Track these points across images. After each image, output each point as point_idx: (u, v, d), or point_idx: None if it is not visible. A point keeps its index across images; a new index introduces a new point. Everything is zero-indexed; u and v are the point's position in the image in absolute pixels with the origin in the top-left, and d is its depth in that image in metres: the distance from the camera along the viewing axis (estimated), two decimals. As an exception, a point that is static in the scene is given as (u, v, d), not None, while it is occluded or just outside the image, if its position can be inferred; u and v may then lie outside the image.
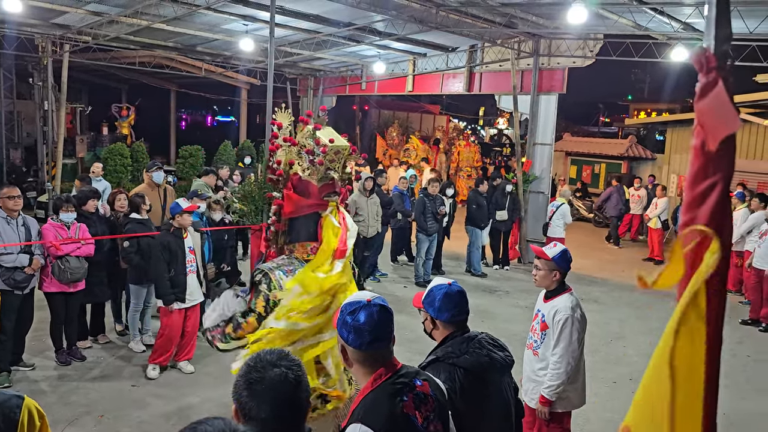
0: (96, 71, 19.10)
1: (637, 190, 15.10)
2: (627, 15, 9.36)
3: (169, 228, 6.09)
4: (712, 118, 0.85)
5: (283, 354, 1.68)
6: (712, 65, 0.86)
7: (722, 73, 0.85)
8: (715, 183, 0.84)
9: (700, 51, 0.88)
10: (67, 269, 5.96)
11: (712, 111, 0.85)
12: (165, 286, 5.96)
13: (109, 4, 10.46)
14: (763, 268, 8.56)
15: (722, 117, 0.84)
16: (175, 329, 6.08)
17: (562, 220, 10.85)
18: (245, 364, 1.68)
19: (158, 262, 5.96)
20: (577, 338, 3.71)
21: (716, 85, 0.86)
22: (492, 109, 32.99)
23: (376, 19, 11.03)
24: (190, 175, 14.34)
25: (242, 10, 10.64)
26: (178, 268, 6.00)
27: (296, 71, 17.87)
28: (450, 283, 2.64)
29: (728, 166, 0.85)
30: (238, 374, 1.66)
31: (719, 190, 0.84)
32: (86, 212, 6.41)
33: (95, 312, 6.93)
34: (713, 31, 0.88)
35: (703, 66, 0.87)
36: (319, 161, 4.28)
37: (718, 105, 0.85)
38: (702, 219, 0.85)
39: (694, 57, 0.88)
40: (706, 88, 0.86)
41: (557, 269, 3.75)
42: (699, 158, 0.87)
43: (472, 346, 2.51)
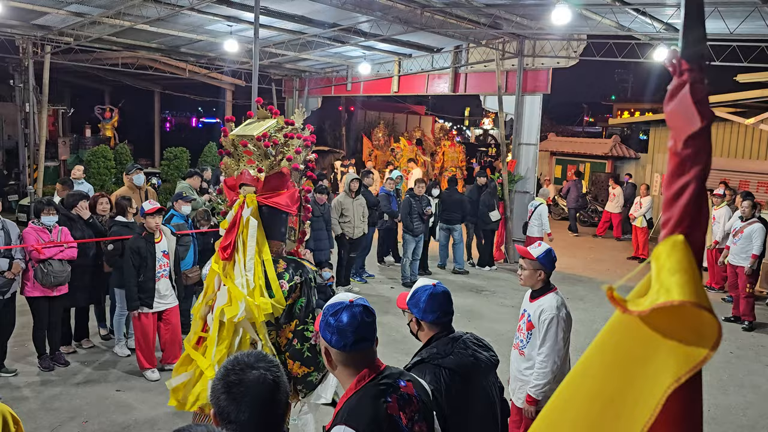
0: (78, 73, 18.91)
1: (613, 189, 15.30)
2: (610, 16, 9.44)
3: (141, 232, 6.03)
4: (677, 119, 0.88)
5: (261, 355, 1.67)
6: (683, 68, 0.87)
7: (695, 75, 0.86)
8: (688, 182, 0.86)
9: (671, 54, 0.89)
10: (50, 273, 5.88)
11: (677, 112, 0.88)
12: (132, 291, 5.91)
13: (91, 4, 10.36)
14: (740, 265, 8.73)
15: (686, 117, 0.87)
16: (148, 332, 6.03)
17: (539, 220, 10.92)
18: (222, 366, 1.66)
19: (128, 267, 5.91)
20: (562, 337, 3.72)
21: (683, 87, 0.87)
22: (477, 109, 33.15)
23: (361, 20, 11.03)
24: (174, 178, 14.23)
25: (226, 11, 10.59)
26: (147, 273, 5.94)
27: (281, 72, 17.81)
28: (435, 284, 2.64)
29: (702, 165, 0.86)
30: (215, 377, 1.65)
31: (692, 189, 0.85)
32: (71, 215, 6.34)
33: (79, 316, 6.85)
34: (683, 34, 0.89)
35: (675, 69, 0.88)
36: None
37: (682, 106, 0.87)
38: (675, 217, 0.86)
39: (667, 60, 0.89)
40: (674, 90, 0.88)
41: (541, 269, 3.77)
42: (673, 158, 0.89)
43: (457, 346, 2.52)
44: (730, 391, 6.45)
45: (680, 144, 0.86)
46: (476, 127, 37.34)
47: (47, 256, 5.88)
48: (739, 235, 8.79)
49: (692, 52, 0.88)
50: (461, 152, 21.66)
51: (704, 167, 0.86)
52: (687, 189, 0.85)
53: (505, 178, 12.03)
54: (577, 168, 18.19)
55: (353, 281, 9.97)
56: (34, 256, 5.86)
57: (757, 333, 8.49)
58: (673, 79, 0.89)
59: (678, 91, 0.87)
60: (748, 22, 8.33)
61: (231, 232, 3.97)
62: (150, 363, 6.10)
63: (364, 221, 9.66)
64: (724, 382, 6.65)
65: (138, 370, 6.18)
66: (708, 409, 5.84)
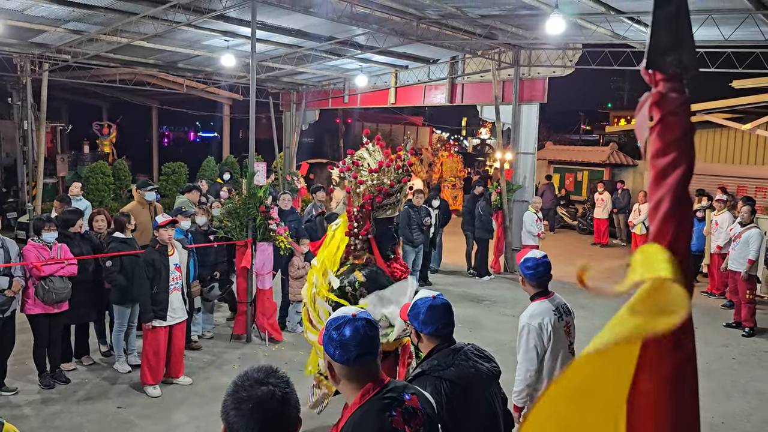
0: (76, 89, 18.97)
1: (601, 194, 15.35)
2: (604, 24, 9.50)
3: (155, 245, 6.08)
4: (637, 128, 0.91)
5: (271, 371, 1.66)
6: (658, 78, 0.88)
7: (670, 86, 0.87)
8: (665, 194, 0.87)
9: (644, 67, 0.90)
10: (52, 290, 5.89)
11: (638, 125, 0.91)
12: (146, 303, 5.92)
13: (88, 22, 10.41)
14: (738, 270, 8.72)
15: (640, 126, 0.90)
16: (160, 346, 6.03)
17: (526, 228, 11.07)
18: (233, 382, 1.66)
19: (141, 279, 5.94)
20: (534, 346, 3.68)
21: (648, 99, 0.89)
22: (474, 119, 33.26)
23: (358, 32, 11.09)
24: (173, 192, 14.26)
25: (223, 26, 10.65)
26: (161, 285, 5.97)
27: (278, 86, 17.88)
28: (434, 296, 2.64)
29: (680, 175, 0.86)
30: (226, 393, 1.65)
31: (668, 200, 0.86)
32: (68, 232, 6.34)
33: (80, 333, 6.83)
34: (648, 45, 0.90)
35: (650, 79, 0.89)
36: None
37: (640, 116, 0.89)
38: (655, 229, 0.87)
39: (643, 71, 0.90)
40: (642, 102, 0.90)
41: (522, 276, 3.79)
42: (651, 169, 0.90)
43: (458, 358, 2.51)
44: (734, 397, 6.42)
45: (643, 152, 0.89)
46: (473, 137, 37.44)
47: (48, 273, 5.87)
48: (738, 241, 8.80)
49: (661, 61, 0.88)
50: (459, 162, 21.71)
51: (681, 178, 0.86)
52: (663, 201, 0.86)
53: (503, 187, 12.05)
54: (547, 173, 19.03)
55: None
56: (34, 274, 5.85)
57: (758, 338, 8.47)
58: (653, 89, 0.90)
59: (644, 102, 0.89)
60: (742, 28, 8.38)
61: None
62: (155, 379, 6.08)
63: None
64: (727, 388, 6.63)
65: (139, 386, 6.15)
66: (712, 416, 5.82)
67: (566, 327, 3.80)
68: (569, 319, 3.83)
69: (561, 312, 3.80)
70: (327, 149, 25.38)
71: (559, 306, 3.82)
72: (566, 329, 3.80)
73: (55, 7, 9.33)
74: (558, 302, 3.84)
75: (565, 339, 3.76)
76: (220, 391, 4.38)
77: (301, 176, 15.84)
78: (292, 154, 18.36)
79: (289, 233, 7.83)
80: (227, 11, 9.02)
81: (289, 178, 14.86)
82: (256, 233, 7.49)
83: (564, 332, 3.77)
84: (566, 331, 3.80)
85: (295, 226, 8.44)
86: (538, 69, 12.20)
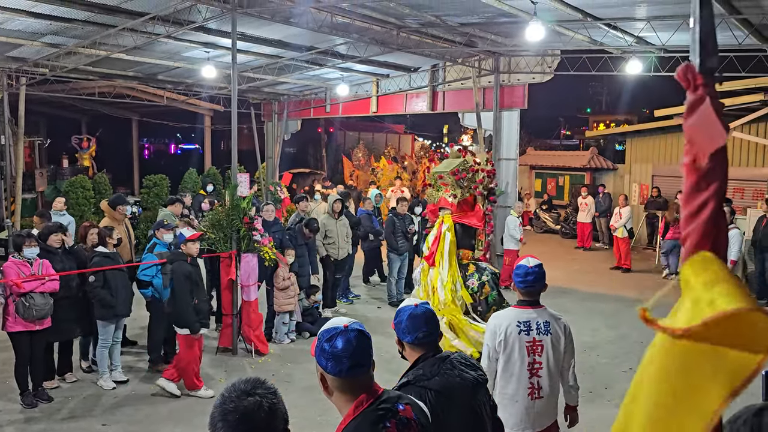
0: (54, 103, 18.75)
1: (584, 198, 15.49)
2: (582, 31, 9.63)
3: (185, 258, 6.34)
4: (701, 134, 0.86)
5: (258, 382, 1.66)
6: (698, 82, 0.87)
7: (710, 90, 0.86)
8: (708, 198, 0.85)
9: (685, 68, 0.88)
10: (32, 306, 5.79)
11: (699, 127, 0.86)
12: (191, 314, 6.17)
13: (66, 35, 10.31)
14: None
15: (710, 132, 0.85)
16: (198, 353, 6.38)
17: (508, 233, 11.21)
18: (220, 394, 1.65)
19: (182, 292, 6.17)
20: (487, 344, 3.66)
21: (703, 102, 0.86)
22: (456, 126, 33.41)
23: (338, 42, 11.12)
24: (155, 205, 14.09)
25: (203, 38, 10.62)
26: (200, 295, 6.34)
27: (260, 96, 17.84)
28: (416, 305, 2.64)
29: (721, 180, 0.86)
30: (213, 405, 1.64)
31: (712, 205, 0.85)
32: (50, 247, 6.25)
33: (62, 350, 6.72)
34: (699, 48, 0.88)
35: (689, 83, 0.87)
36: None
37: (705, 121, 0.85)
38: (697, 235, 0.86)
39: (680, 74, 0.88)
40: (693, 105, 0.87)
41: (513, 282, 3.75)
42: (691, 174, 0.87)
43: (444, 367, 2.50)
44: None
45: (704, 159, 0.85)
46: (456, 143, 37.63)
47: (28, 290, 5.78)
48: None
49: (708, 66, 0.87)
50: (442, 169, 21.80)
51: (722, 183, 0.85)
52: (707, 205, 0.85)
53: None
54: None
55: (339, 302, 9.93)
56: (14, 291, 5.76)
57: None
58: (688, 95, 0.88)
59: (697, 106, 0.86)
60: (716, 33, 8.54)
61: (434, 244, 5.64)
62: (200, 382, 6.39)
63: (347, 242, 9.66)
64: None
65: (124, 403, 6.07)
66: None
67: (532, 344, 3.55)
68: (544, 338, 3.55)
69: (532, 327, 3.55)
70: (310, 159, 25.34)
71: (534, 321, 3.57)
72: (531, 346, 3.55)
73: (32, 20, 9.23)
74: (536, 318, 3.58)
75: (524, 356, 3.54)
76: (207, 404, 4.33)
77: (284, 186, 15.78)
78: (275, 164, 18.31)
79: (274, 244, 7.80)
80: (207, 23, 9.00)
81: (272, 188, 14.81)
82: (241, 245, 7.44)
83: (526, 348, 3.54)
84: (530, 348, 3.55)
85: (279, 236, 8.40)
86: (518, 75, 12.32)
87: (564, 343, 3.62)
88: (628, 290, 11.28)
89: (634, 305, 3.90)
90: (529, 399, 3.55)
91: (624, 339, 8.30)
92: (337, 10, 9.13)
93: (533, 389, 3.56)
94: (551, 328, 3.58)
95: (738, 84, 11.98)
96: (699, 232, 0.85)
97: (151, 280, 6.88)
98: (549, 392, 3.59)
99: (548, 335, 3.56)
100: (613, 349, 7.91)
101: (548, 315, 3.63)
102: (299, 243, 8.71)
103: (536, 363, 3.55)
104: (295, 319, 8.40)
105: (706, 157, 0.85)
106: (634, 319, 8.44)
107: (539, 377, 3.56)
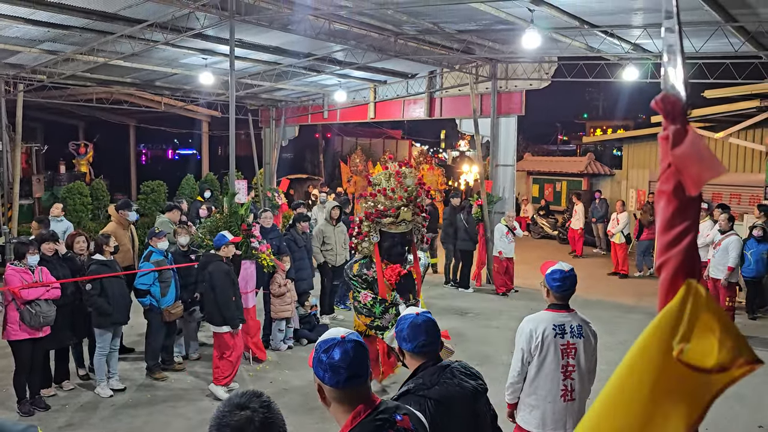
0: (51, 109, 18.73)
1: (576, 205, 15.53)
2: (579, 38, 9.67)
3: (221, 258, 6.56)
4: (694, 164, 0.86)
5: (254, 395, 1.65)
6: (679, 112, 0.87)
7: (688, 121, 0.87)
8: (689, 227, 0.86)
9: (666, 98, 0.88)
10: (39, 314, 5.82)
11: (692, 158, 0.86)
12: (232, 310, 6.46)
13: (64, 42, 10.32)
14: (718, 278, 8.86)
15: (704, 163, 0.85)
16: (240, 347, 6.71)
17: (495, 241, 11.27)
18: (217, 408, 1.65)
19: (225, 288, 6.43)
20: (521, 348, 3.72)
21: (688, 132, 0.87)
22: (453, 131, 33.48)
23: (336, 49, 11.14)
24: (152, 212, 14.08)
25: (201, 45, 10.63)
26: (237, 293, 6.61)
27: (257, 102, 17.86)
28: (417, 314, 2.65)
29: (698, 208, 0.87)
30: (211, 418, 1.64)
31: (692, 234, 0.86)
32: (45, 255, 6.24)
33: (59, 357, 6.70)
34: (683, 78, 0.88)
35: (669, 113, 0.88)
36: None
37: (697, 151, 0.85)
38: (678, 262, 0.87)
39: (660, 104, 0.89)
40: (678, 135, 0.87)
41: (547, 287, 3.76)
42: (671, 202, 0.88)
43: (444, 376, 2.51)
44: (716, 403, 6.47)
45: (698, 189, 0.85)
46: (453, 149, 37.69)
47: (33, 297, 5.78)
48: (717, 248, 8.94)
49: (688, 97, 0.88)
50: (440, 175, 21.82)
51: (699, 210, 0.87)
52: (688, 234, 0.86)
53: (484, 199, 12.14)
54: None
55: (337, 309, 9.92)
56: (20, 298, 5.75)
57: (738, 343, 8.59)
58: (668, 125, 0.88)
59: (683, 137, 0.86)
60: (712, 40, 8.59)
61: None
62: (227, 380, 6.54)
63: (345, 248, 9.65)
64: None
65: (122, 411, 6.05)
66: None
67: (566, 347, 3.65)
68: (578, 341, 3.67)
69: (566, 331, 3.65)
70: (307, 165, 25.33)
71: (569, 325, 3.68)
72: (565, 349, 3.66)
73: (30, 27, 9.24)
74: (570, 321, 3.69)
75: (558, 359, 3.64)
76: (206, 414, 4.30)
77: (282, 192, 15.78)
78: (273, 170, 18.31)
79: (271, 250, 7.79)
80: (205, 30, 9.01)
81: (270, 194, 14.80)
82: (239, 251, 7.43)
83: (561, 351, 3.64)
84: (564, 351, 3.65)
85: (277, 243, 8.40)
86: (515, 82, 12.36)
87: (593, 347, 3.77)
88: (625, 296, 11.29)
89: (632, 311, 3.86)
90: (561, 401, 3.67)
91: (623, 345, 8.29)
92: (334, 17, 9.16)
93: (566, 391, 3.68)
94: (583, 332, 3.72)
95: (734, 90, 12.02)
96: (679, 260, 0.86)
97: (149, 289, 6.84)
98: (580, 394, 3.72)
99: (581, 338, 3.70)
100: (611, 356, 7.86)
101: (580, 319, 3.77)
102: (299, 246, 8.71)
103: (569, 366, 3.68)
104: (292, 326, 8.38)
105: (700, 187, 0.85)
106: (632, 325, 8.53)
107: (572, 380, 3.68)
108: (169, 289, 6.95)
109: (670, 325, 0.87)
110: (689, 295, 0.86)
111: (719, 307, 0.86)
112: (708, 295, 0.86)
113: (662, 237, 0.88)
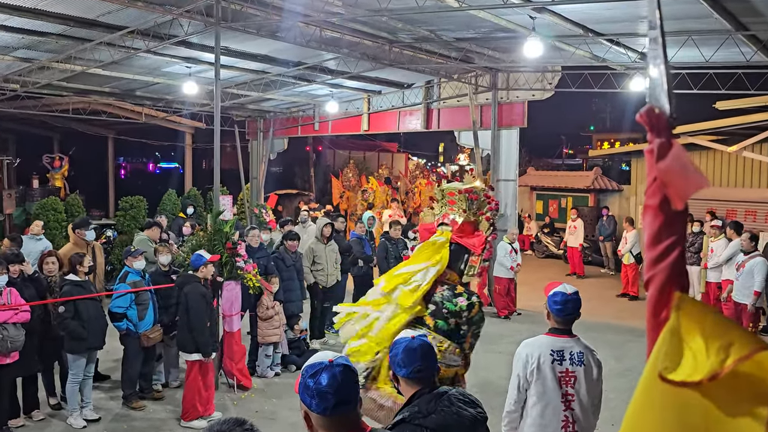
0: (24, 120, 18.76)
1: (574, 221, 15.56)
2: (583, 47, 9.78)
3: (199, 279, 6.52)
4: (678, 178, 0.89)
5: (237, 422, 1.66)
6: (664, 126, 0.91)
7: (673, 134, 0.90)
8: (676, 242, 0.89)
9: (650, 112, 0.92)
10: (6, 338, 5.80)
11: (676, 171, 0.89)
12: (207, 336, 6.43)
13: (39, 49, 10.37)
14: (743, 302, 8.77)
15: (689, 176, 0.88)
16: (210, 377, 6.68)
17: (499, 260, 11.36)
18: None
19: (199, 312, 6.38)
20: (517, 374, 3.71)
21: (672, 145, 0.90)
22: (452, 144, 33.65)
23: (327, 57, 11.22)
24: (131, 229, 14.04)
25: (185, 52, 10.70)
26: (213, 318, 6.57)
27: (244, 113, 17.91)
28: (413, 337, 2.65)
29: (685, 222, 0.90)
30: None
31: (680, 248, 0.89)
32: (11, 276, 6.22)
33: (26, 385, 6.64)
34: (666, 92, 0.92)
35: (654, 127, 0.92)
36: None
37: (681, 165, 0.89)
38: (666, 276, 0.89)
39: (644, 117, 0.92)
40: (662, 148, 0.91)
41: (548, 310, 3.77)
42: (658, 217, 0.91)
43: (441, 404, 2.50)
44: None
45: (683, 203, 0.88)
46: (452, 163, 37.85)
47: (1, 321, 5.75)
48: (741, 270, 8.80)
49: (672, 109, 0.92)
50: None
51: (686, 226, 0.90)
52: (675, 249, 0.89)
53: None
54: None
55: (328, 333, 9.87)
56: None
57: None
58: (653, 138, 0.92)
59: (668, 150, 0.90)
60: (723, 49, 8.70)
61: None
62: (196, 413, 6.49)
63: (337, 268, 9.65)
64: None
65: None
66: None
67: (564, 374, 3.62)
68: (577, 369, 3.62)
69: (565, 357, 3.62)
70: (297, 179, 25.38)
71: (569, 351, 3.64)
72: (564, 377, 3.62)
73: (3, 34, 9.29)
74: (571, 347, 3.65)
75: (557, 387, 3.61)
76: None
77: (270, 209, 15.79)
78: (260, 185, 18.32)
79: (258, 270, 7.78)
80: (189, 37, 9.08)
81: (257, 210, 14.80)
82: (223, 271, 7.42)
83: (559, 379, 3.61)
84: (563, 379, 3.62)
85: (264, 262, 8.40)
86: (517, 92, 12.45)
87: (596, 376, 3.69)
88: (636, 319, 11.29)
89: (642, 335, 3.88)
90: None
91: (632, 371, 8.29)
92: (326, 24, 9.24)
93: (567, 422, 3.63)
94: (585, 359, 3.65)
95: (747, 102, 12.16)
96: (666, 274, 0.88)
97: (125, 312, 6.80)
98: (584, 425, 3.66)
99: (581, 366, 3.63)
100: (620, 383, 7.89)
101: (583, 345, 3.70)
102: (287, 265, 8.70)
103: (569, 395, 3.62)
104: (280, 351, 8.35)
105: (684, 201, 0.88)
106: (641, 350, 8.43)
107: (572, 410, 3.62)
108: (147, 312, 6.92)
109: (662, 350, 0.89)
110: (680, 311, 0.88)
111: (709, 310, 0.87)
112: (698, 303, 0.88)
113: (650, 251, 0.91)
